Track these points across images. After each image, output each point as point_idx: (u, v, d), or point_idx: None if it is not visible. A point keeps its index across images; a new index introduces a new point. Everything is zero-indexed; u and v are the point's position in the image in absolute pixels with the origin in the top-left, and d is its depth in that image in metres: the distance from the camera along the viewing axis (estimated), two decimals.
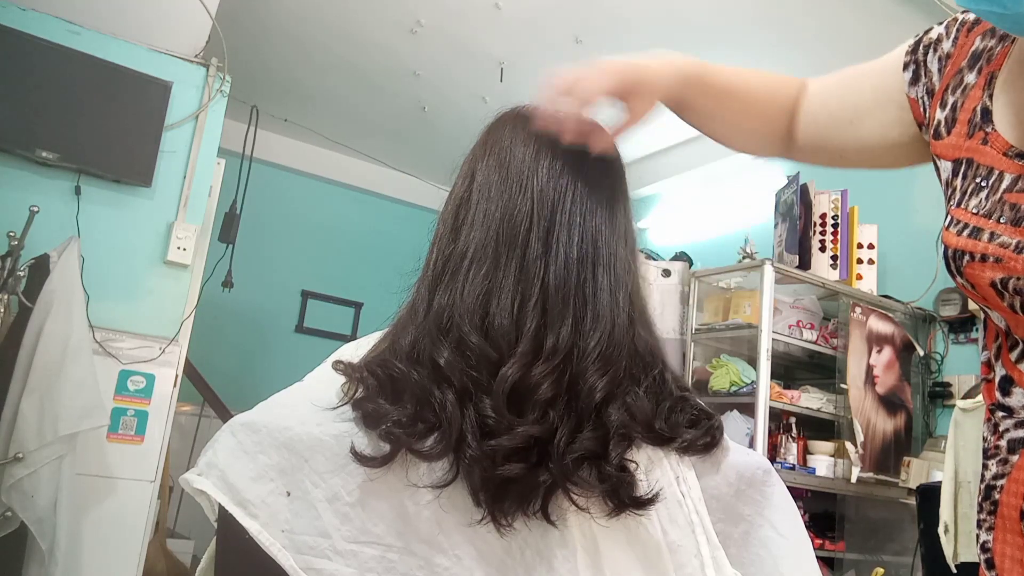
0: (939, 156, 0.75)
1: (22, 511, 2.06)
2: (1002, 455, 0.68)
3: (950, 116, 0.74)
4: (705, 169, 4.25)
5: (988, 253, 0.64)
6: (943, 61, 0.77)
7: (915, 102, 0.79)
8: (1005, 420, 0.68)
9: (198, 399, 4.17)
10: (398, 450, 0.62)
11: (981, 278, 0.65)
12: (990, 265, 0.64)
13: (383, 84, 4.05)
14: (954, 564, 2.17)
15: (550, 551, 0.63)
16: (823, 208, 2.99)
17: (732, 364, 2.82)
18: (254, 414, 0.68)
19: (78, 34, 2.56)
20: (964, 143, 0.71)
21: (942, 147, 0.74)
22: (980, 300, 0.68)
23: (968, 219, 0.67)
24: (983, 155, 0.69)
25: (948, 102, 0.75)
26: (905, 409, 2.88)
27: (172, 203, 2.68)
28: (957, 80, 0.74)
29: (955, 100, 0.74)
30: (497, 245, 0.70)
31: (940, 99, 0.76)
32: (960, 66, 0.75)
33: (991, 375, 0.71)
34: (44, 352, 2.15)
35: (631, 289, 0.72)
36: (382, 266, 4.81)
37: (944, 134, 0.74)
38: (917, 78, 0.79)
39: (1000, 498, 0.67)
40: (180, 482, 0.67)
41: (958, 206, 0.69)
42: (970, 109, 0.72)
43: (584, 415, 0.64)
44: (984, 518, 0.69)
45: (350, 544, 0.62)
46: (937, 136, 0.75)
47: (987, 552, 0.68)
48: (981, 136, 0.70)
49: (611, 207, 0.75)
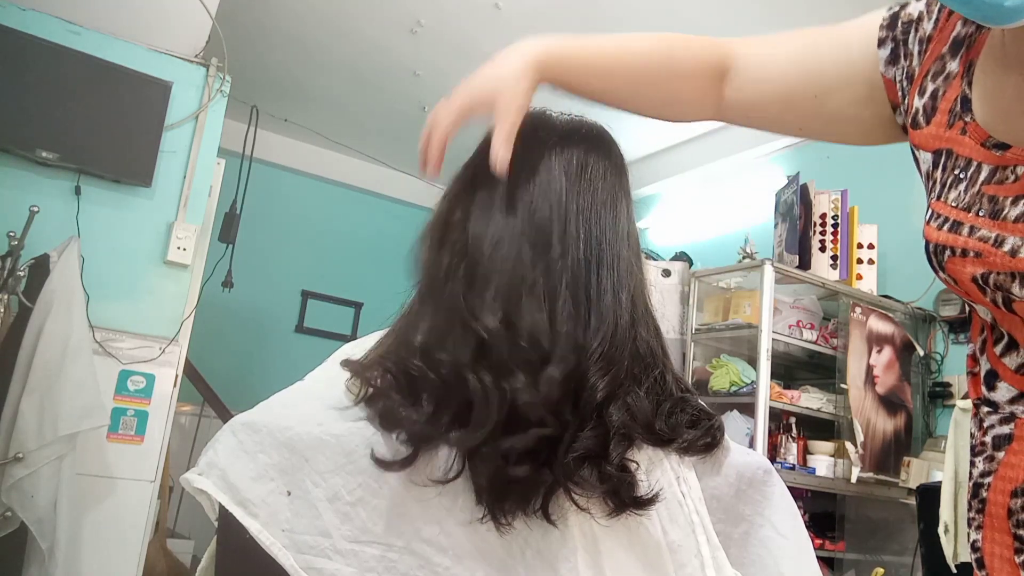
0: (918, 147, 0.72)
1: (22, 511, 2.06)
2: (988, 452, 0.66)
3: (930, 105, 0.70)
4: (705, 169, 4.25)
5: (968, 248, 0.62)
6: (924, 44, 0.72)
7: (891, 83, 0.74)
8: (990, 416, 0.66)
9: (198, 399, 4.17)
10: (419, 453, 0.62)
11: (963, 273, 0.63)
12: (971, 260, 0.62)
13: (383, 84, 4.05)
14: (954, 564, 2.17)
15: (551, 551, 0.63)
16: (823, 208, 2.99)
17: (732, 364, 2.82)
18: (255, 414, 0.68)
19: (78, 34, 2.56)
20: (944, 133, 0.68)
21: (921, 137, 0.71)
22: (964, 295, 0.66)
23: (948, 212, 0.65)
24: (962, 146, 0.66)
25: (927, 89, 0.70)
26: (905, 409, 2.88)
27: (172, 203, 2.68)
28: (939, 66, 0.70)
29: (935, 88, 0.70)
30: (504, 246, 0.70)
31: (919, 85, 0.71)
32: (941, 52, 0.71)
33: (977, 369, 0.69)
34: (44, 352, 2.15)
35: (634, 290, 0.72)
36: (382, 266, 4.82)
37: (923, 123, 0.70)
38: (896, 58, 0.74)
39: (987, 496, 0.66)
40: (180, 482, 0.67)
41: (938, 199, 0.67)
42: (951, 99, 0.69)
43: (586, 415, 0.64)
44: (973, 516, 0.67)
45: (351, 543, 0.62)
46: (915, 125, 0.71)
47: (977, 551, 0.66)
48: (960, 126, 0.67)
49: (614, 208, 0.75)
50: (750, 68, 0.82)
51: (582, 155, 0.75)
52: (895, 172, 3.27)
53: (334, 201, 5.22)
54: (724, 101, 0.84)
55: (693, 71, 0.83)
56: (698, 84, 0.83)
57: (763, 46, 0.83)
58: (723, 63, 0.82)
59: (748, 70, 0.82)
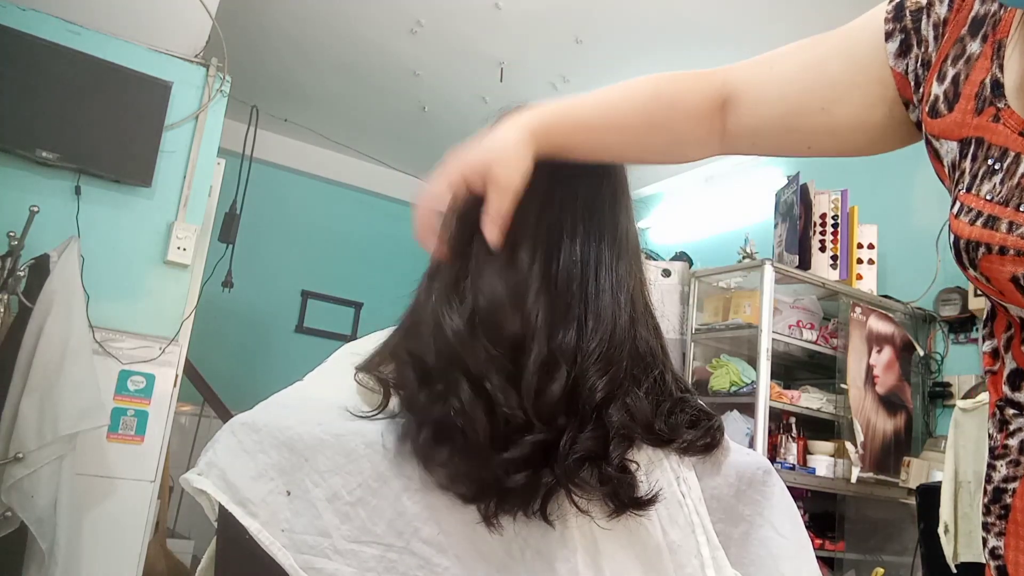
0: (939, 136, 0.66)
1: (22, 511, 2.06)
2: (1012, 456, 0.63)
3: (951, 90, 0.65)
4: (705, 169, 4.25)
5: (1008, 245, 0.57)
6: (940, 27, 0.68)
7: (901, 77, 0.70)
8: (1017, 418, 0.63)
9: (198, 399, 4.17)
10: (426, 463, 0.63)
11: (1000, 272, 0.58)
12: (1011, 259, 0.57)
13: (383, 84, 4.05)
14: (954, 564, 2.17)
15: (551, 551, 0.63)
16: (823, 208, 2.99)
17: (732, 364, 2.82)
18: (254, 413, 0.68)
19: (78, 34, 2.56)
20: (972, 120, 0.63)
21: (943, 125, 0.66)
22: (995, 294, 0.61)
23: (981, 206, 0.60)
24: (995, 134, 0.61)
25: (948, 74, 0.66)
26: (905, 409, 2.88)
27: (172, 203, 2.68)
28: (958, 49, 0.66)
29: (956, 72, 0.65)
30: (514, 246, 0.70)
31: (938, 71, 0.67)
32: (960, 34, 0.66)
33: (996, 367, 0.65)
34: (44, 352, 2.15)
35: (633, 290, 0.72)
36: (382, 266, 4.82)
37: (944, 111, 0.66)
38: (907, 48, 0.69)
39: (1014, 503, 0.62)
40: (180, 482, 0.67)
41: (967, 191, 0.62)
42: (976, 82, 0.64)
43: (586, 416, 0.64)
44: (993, 522, 0.64)
45: (350, 543, 0.62)
46: (935, 114, 0.67)
47: (998, 559, 0.63)
48: (992, 112, 0.62)
49: (613, 208, 0.75)
50: (749, 93, 0.78)
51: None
52: (895, 172, 3.27)
53: (334, 201, 5.22)
54: (727, 133, 0.80)
55: (690, 108, 0.79)
56: (698, 121, 0.80)
57: (758, 67, 0.79)
58: (719, 94, 0.79)
59: (747, 95, 0.78)
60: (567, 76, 3.75)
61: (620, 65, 3.56)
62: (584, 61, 3.59)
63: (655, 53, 3.42)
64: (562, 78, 3.77)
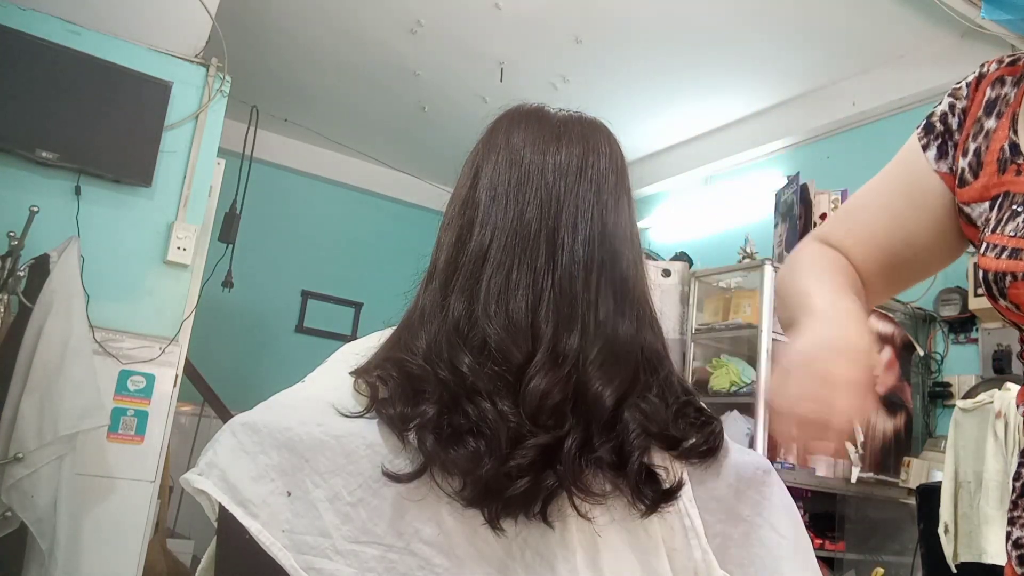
0: (969, 201, 0.74)
1: (22, 511, 2.06)
2: None
3: (974, 162, 0.74)
4: (705, 169, 4.25)
5: None
6: (963, 116, 0.77)
7: (947, 175, 0.78)
8: None
9: (198, 399, 4.17)
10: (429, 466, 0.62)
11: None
12: None
13: (383, 84, 4.05)
14: (954, 564, 2.17)
15: (550, 552, 0.63)
16: (823, 208, 2.98)
17: (732, 364, 2.82)
18: (255, 414, 0.68)
19: (78, 34, 2.56)
20: (995, 180, 0.71)
21: (972, 192, 0.74)
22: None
23: (1005, 242, 0.67)
24: (1018, 185, 0.69)
25: (970, 149, 0.75)
26: (905, 409, 2.88)
27: (172, 203, 2.68)
28: (977, 128, 0.75)
29: (977, 146, 0.74)
30: (511, 247, 0.70)
31: (963, 148, 0.76)
32: (977, 115, 0.76)
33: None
34: (44, 352, 2.15)
35: (636, 291, 0.72)
36: (382, 266, 4.82)
37: (970, 180, 0.74)
38: (944, 150, 0.78)
39: None
40: (181, 482, 0.67)
41: (992, 232, 0.69)
42: (996, 150, 0.72)
43: (594, 420, 0.64)
44: (1020, 515, 0.69)
45: (351, 544, 0.62)
46: (963, 183, 0.75)
47: (1021, 548, 0.68)
48: (1015, 169, 0.70)
49: (615, 209, 0.74)
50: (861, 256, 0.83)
51: (582, 154, 0.75)
52: None
53: (334, 201, 5.22)
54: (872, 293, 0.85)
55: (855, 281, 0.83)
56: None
57: (851, 229, 0.84)
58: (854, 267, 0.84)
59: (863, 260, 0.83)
60: (567, 76, 3.75)
61: (620, 65, 3.56)
62: (584, 61, 3.59)
63: (655, 53, 3.42)
64: (562, 78, 3.77)
